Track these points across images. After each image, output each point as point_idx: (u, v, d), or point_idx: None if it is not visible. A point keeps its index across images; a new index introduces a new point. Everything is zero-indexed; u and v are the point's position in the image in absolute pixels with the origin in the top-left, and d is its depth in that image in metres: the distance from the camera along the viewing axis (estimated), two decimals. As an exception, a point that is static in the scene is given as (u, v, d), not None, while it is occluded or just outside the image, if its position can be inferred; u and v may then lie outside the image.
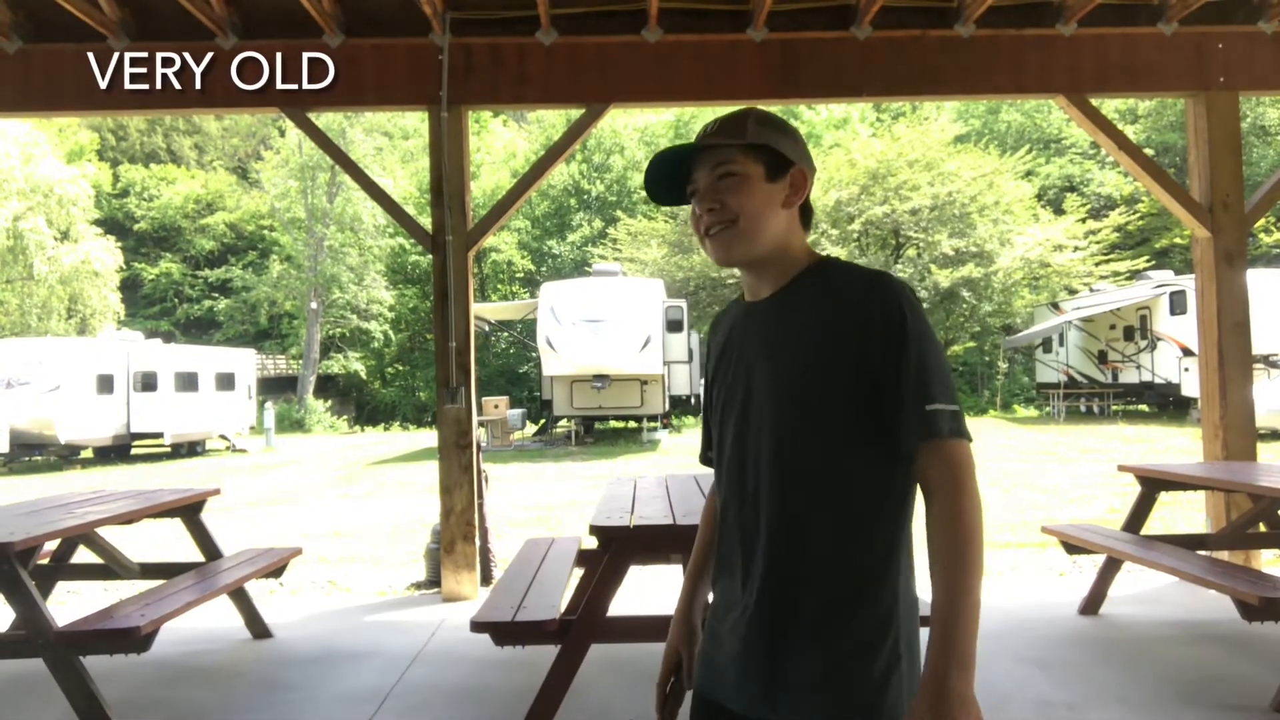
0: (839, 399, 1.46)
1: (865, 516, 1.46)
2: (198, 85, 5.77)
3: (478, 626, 3.48)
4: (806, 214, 1.63)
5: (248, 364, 25.02)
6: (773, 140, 1.57)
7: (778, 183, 1.57)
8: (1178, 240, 29.41)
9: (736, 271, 1.66)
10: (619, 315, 18.28)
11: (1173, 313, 20.94)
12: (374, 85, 5.81)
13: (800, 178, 1.59)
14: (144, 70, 5.74)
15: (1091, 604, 5.13)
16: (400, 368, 36.00)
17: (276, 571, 4.94)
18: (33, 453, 19.83)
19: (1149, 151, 24.61)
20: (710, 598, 1.69)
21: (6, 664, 4.33)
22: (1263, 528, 5.21)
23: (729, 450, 1.60)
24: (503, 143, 39.13)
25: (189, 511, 4.98)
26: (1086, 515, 8.71)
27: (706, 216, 1.58)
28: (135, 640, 3.60)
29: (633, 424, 21.90)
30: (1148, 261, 27.71)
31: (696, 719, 1.62)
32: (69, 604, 5.89)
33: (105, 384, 19.78)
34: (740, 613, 1.53)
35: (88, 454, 20.57)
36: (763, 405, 1.52)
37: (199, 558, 5.06)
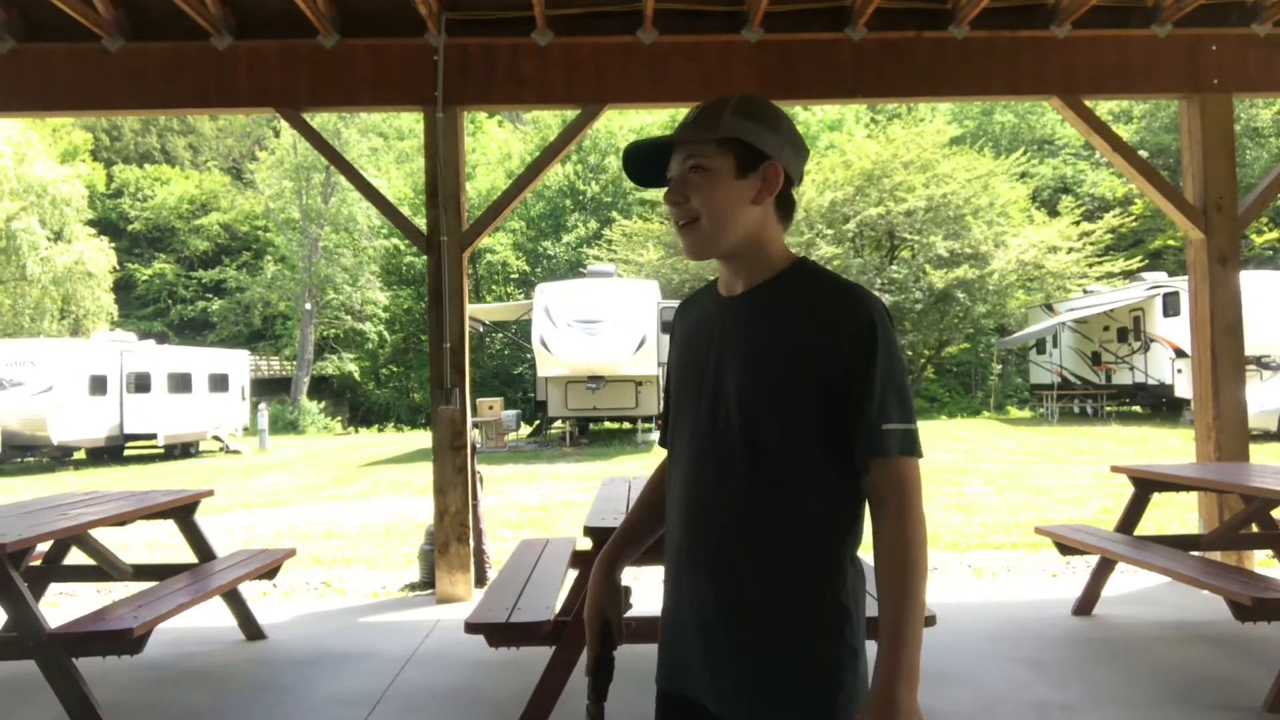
0: (805, 407, 1.46)
1: (821, 522, 1.47)
2: (192, 85, 5.77)
3: (472, 628, 3.47)
4: (787, 207, 1.59)
5: (241, 365, 24.96)
6: (746, 133, 1.51)
7: (748, 178, 1.52)
8: (1171, 242, 29.50)
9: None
10: (614, 316, 18.28)
11: (1166, 314, 21.00)
12: (369, 86, 5.81)
13: (773, 172, 1.53)
14: (138, 70, 5.73)
15: (1085, 605, 5.15)
16: (394, 369, 35.94)
17: (270, 573, 4.93)
18: (25, 454, 19.75)
19: (1143, 153, 24.72)
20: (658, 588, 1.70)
21: (-2, 666, 4.31)
22: (1255, 528, 5.23)
23: (687, 446, 1.58)
24: (498, 143, 39.08)
25: (182, 513, 4.97)
26: (1080, 516, 8.73)
27: (672, 210, 1.56)
28: (128, 642, 3.59)
29: (627, 425, 21.89)
30: (1141, 263, 27.80)
31: (663, 715, 1.62)
32: (62, 605, 5.88)
33: (98, 385, 19.72)
34: (697, 610, 1.54)
35: (80, 455, 20.49)
36: (730, 406, 1.51)
37: (192, 559, 5.05)
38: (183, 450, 21.89)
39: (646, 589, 5.68)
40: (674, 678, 1.59)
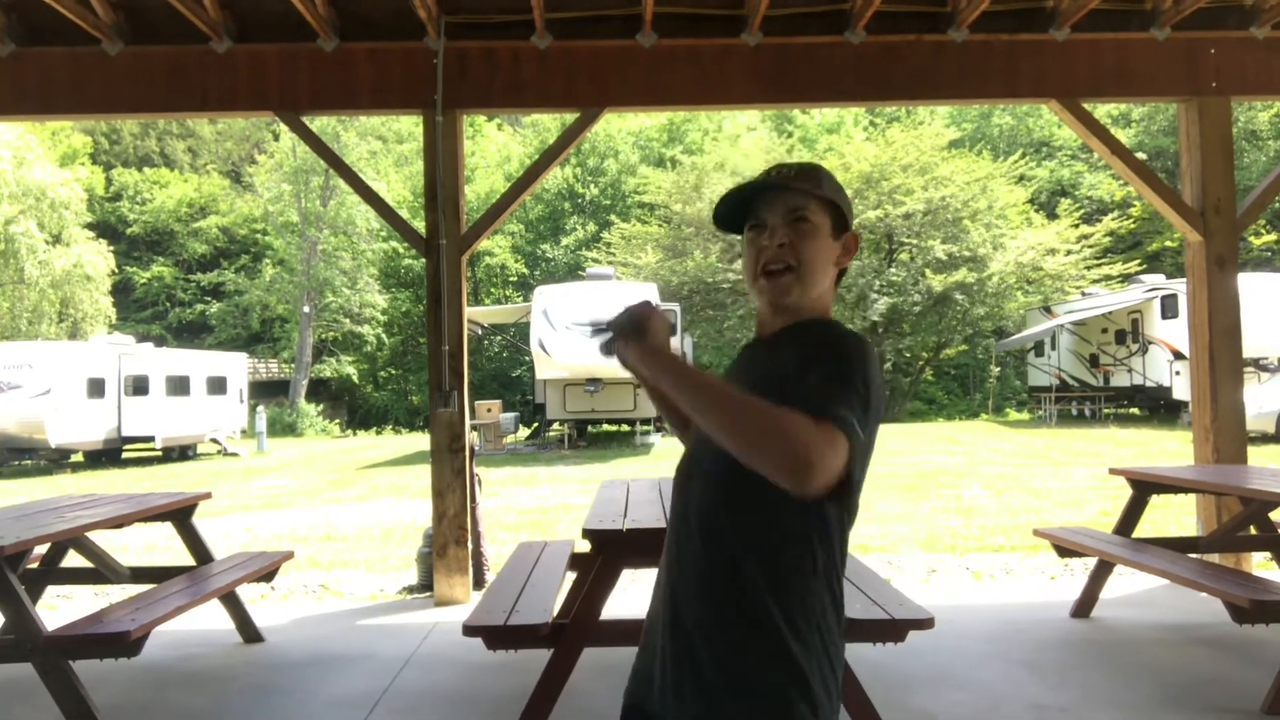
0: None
1: (788, 560, 1.45)
2: (192, 89, 5.77)
3: (470, 630, 3.47)
4: (841, 277, 1.69)
5: (239, 368, 24.95)
6: (840, 200, 1.63)
7: (837, 241, 1.63)
8: (1169, 244, 29.52)
9: (730, 276, 1.67)
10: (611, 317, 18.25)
11: (1164, 316, 21.02)
12: (368, 89, 5.81)
13: (853, 242, 1.66)
14: (138, 74, 5.74)
15: (1083, 607, 5.15)
16: (393, 371, 35.94)
17: (268, 575, 4.93)
18: (23, 456, 19.74)
19: (1141, 156, 24.77)
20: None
21: (-4, 669, 4.30)
22: (1253, 530, 5.23)
23: (678, 474, 1.65)
24: (497, 146, 39.13)
25: (180, 515, 4.96)
26: (1078, 518, 8.73)
27: (775, 250, 1.58)
28: (125, 645, 3.58)
29: (625, 427, 21.88)
30: (1139, 265, 27.82)
31: None
32: (59, 608, 5.87)
33: (96, 388, 19.70)
34: (662, 629, 1.55)
35: (78, 458, 20.46)
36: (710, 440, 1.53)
37: (190, 562, 5.04)
38: (181, 453, 21.86)
39: (645, 590, 5.68)
40: (637, 691, 1.60)
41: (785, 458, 1.28)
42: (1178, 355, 19.94)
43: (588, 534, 3.49)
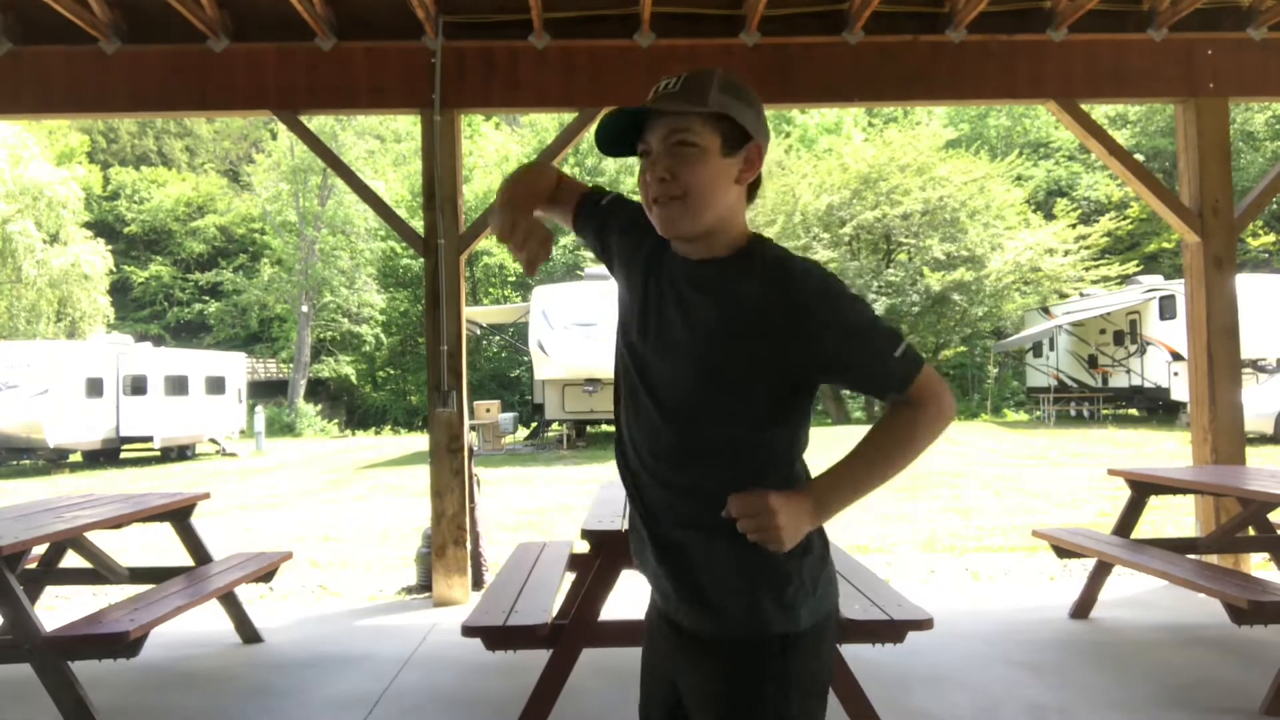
0: (750, 373, 1.47)
1: (759, 473, 1.50)
2: (189, 88, 5.76)
3: (469, 631, 3.47)
4: (754, 187, 1.59)
5: (238, 367, 24.94)
6: (734, 110, 1.50)
7: (733, 157, 1.52)
8: (1166, 245, 29.56)
9: None
10: (611, 319, 18.27)
11: (1162, 317, 21.03)
12: (366, 88, 5.80)
13: (756, 153, 1.54)
14: (135, 73, 5.73)
15: (1082, 608, 5.15)
16: (391, 371, 35.91)
17: (266, 576, 4.92)
18: (21, 456, 19.73)
19: (1139, 157, 24.78)
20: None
21: (-6, 669, 4.30)
22: (1252, 531, 5.23)
23: (629, 388, 1.62)
24: (495, 146, 39.06)
25: (178, 516, 4.96)
26: (1077, 519, 8.73)
27: (656, 186, 1.51)
28: (124, 645, 3.58)
29: (624, 428, 21.85)
30: (1137, 266, 27.85)
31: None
32: (58, 609, 5.86)
33: (94, 387, 19.68)
34: (648, 553, 1.65)
35: (76, 458, 20.45)
36: (672, 366, 1.53)
37: (188, 562, 5.04)
38: (179, 453, 21.85)
39: (644, 591, 5.68)
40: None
41: (938, 435, 1.48)
42: (1176, 356, 19.96)
43: (586, 534, 3.49)
